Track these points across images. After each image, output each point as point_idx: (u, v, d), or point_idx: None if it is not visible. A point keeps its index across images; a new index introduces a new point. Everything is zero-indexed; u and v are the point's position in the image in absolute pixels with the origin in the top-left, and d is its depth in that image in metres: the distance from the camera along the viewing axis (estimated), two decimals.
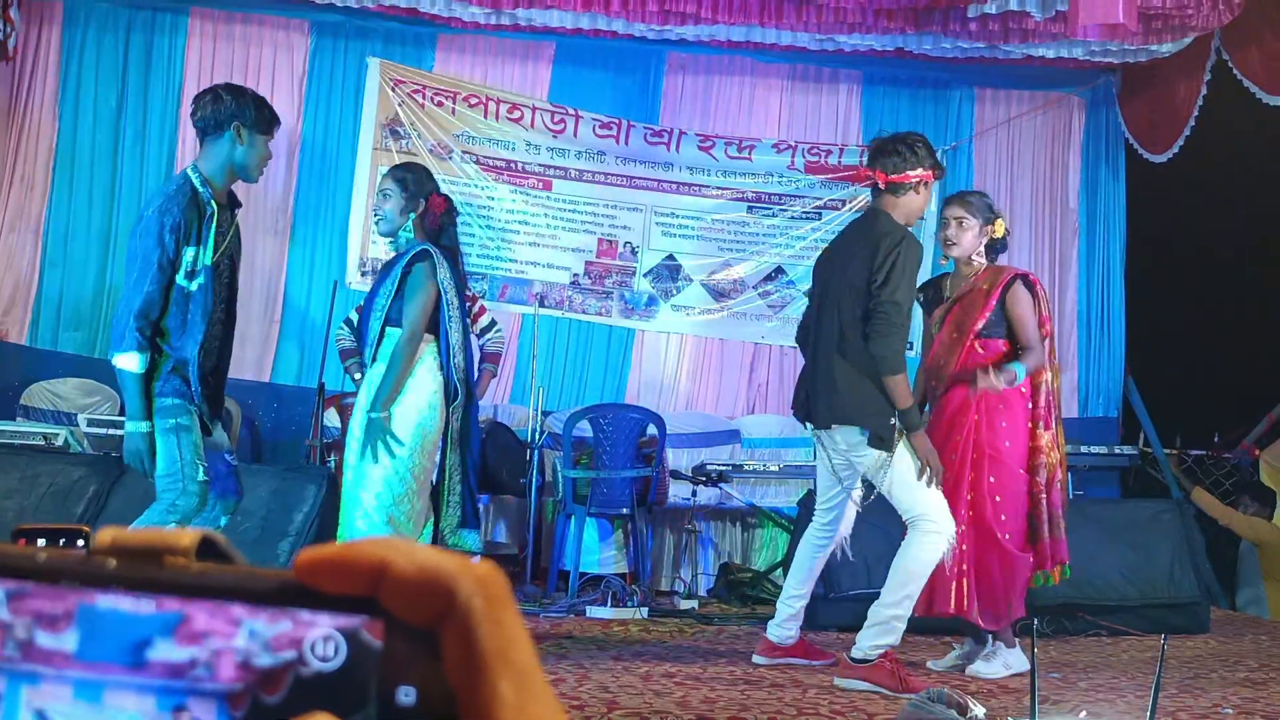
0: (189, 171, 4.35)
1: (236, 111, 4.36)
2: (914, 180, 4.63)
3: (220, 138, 4.35)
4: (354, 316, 6.45)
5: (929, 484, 4.51)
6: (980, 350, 4.90)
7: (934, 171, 4.70)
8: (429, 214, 4.73)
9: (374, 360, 4.58)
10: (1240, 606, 7.84)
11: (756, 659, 5.01)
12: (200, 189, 4.27)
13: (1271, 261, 8.20)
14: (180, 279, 4.17)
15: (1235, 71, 7.74)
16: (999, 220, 5.05)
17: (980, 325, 4.91)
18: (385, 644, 0.40)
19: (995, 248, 5.08)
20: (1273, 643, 5.97)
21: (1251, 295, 8.40)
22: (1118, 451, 8.45)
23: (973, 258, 5.02)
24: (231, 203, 4.46)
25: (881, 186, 4.67)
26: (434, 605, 0.40)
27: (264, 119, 4.41)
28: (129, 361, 4.07)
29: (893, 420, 4.50)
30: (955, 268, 5.11)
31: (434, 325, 4.59)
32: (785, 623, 5.01)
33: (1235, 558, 8.15)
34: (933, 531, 4.49)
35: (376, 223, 4.93)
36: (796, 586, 5.03)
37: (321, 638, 0.40)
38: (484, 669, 0.40)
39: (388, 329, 4.56)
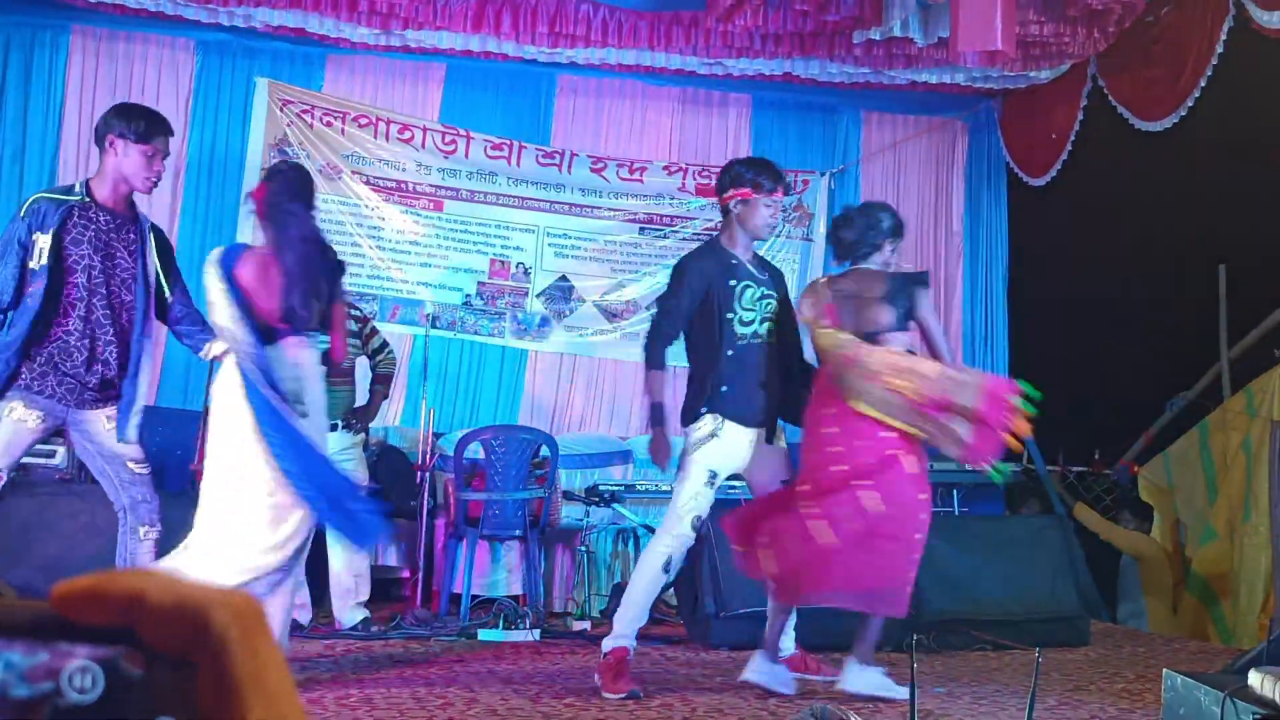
0: (79, 182, 4.68)
1: (112, 123, 4.56)
2: (731, 199, 5.00)
3: (101, 149, 4.60)
4: None
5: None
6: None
7: (751, 189, 4.92)
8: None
9: None
10: (1121, 620, 8.02)
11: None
12: (76, 187, 4.60)
13: (1148, 282, 8.43)
14: (34, 265, 4.44)
15: (1110, 98, 7.96)
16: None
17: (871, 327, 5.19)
18: (144, 674, 0.40)
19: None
20: (1151, 654, 6.12)
21: (1129, 315, 8.62)
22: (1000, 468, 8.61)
23: None
24: (126, 212, 4.60)
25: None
26: (189, 635, 0.40)
27: (137, 130, 4.55)
28: None
29: None
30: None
31: None
32: None
33: (1116, 572, 8.35)
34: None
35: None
36: None
37: (79, 669, 0.39)
38: (237, 696, 0.40)
39: None
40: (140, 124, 4.55)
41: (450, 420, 8.63)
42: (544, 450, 7.22)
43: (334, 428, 6.23)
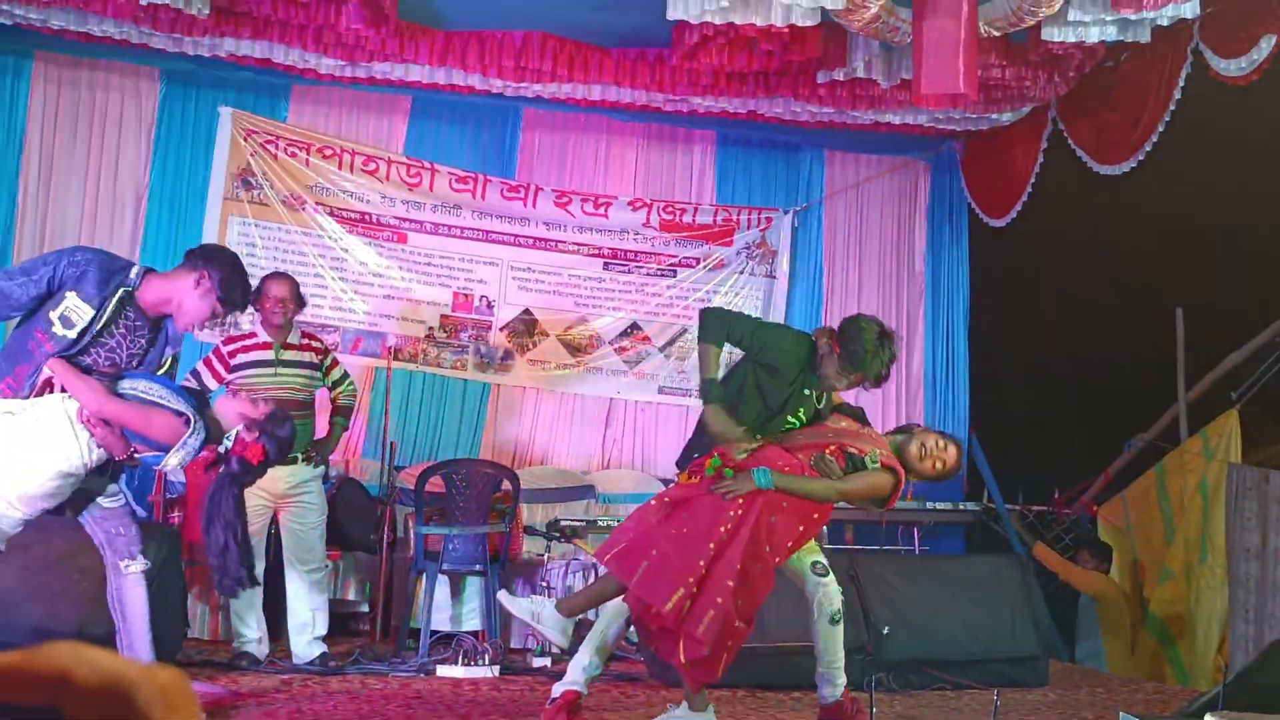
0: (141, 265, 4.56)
1: (218, 268, 4.49)
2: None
3: (187, 267, 4.50)
4: (201, 369, 6.31)
5: None
6: None
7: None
8: None
9: None
10: (1079, 659, 8.05)
11: None
12: (132, 277, 4.43)
13: (1107, 324, 8.51)
14: (52, 315, 4.29)
15: (1070, 141, 8.05)
16: None
17: None
18: None
19: None
20: (1109, 694, 6.14)
21: (1088, 356, 8.70)
22: (961, 508, 8.67)
23: None
24: (156, 318, 4.52)
25: None
26: (115, 713, 0.39)
27: (231, 295, 4.51)
28: None
29: None
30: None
31: None
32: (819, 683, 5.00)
33: (1075, 612, 8.38)
34: None
35: None
36: None
37: None
38: None
39: None
40: (237, 294, 4.51)
41: (411, 453, 8.59)
42: (505, 484, 7.19)
43: (293, 460, 6.19)
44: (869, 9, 6.40)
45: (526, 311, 9.17)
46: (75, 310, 4.30)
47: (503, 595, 5.02)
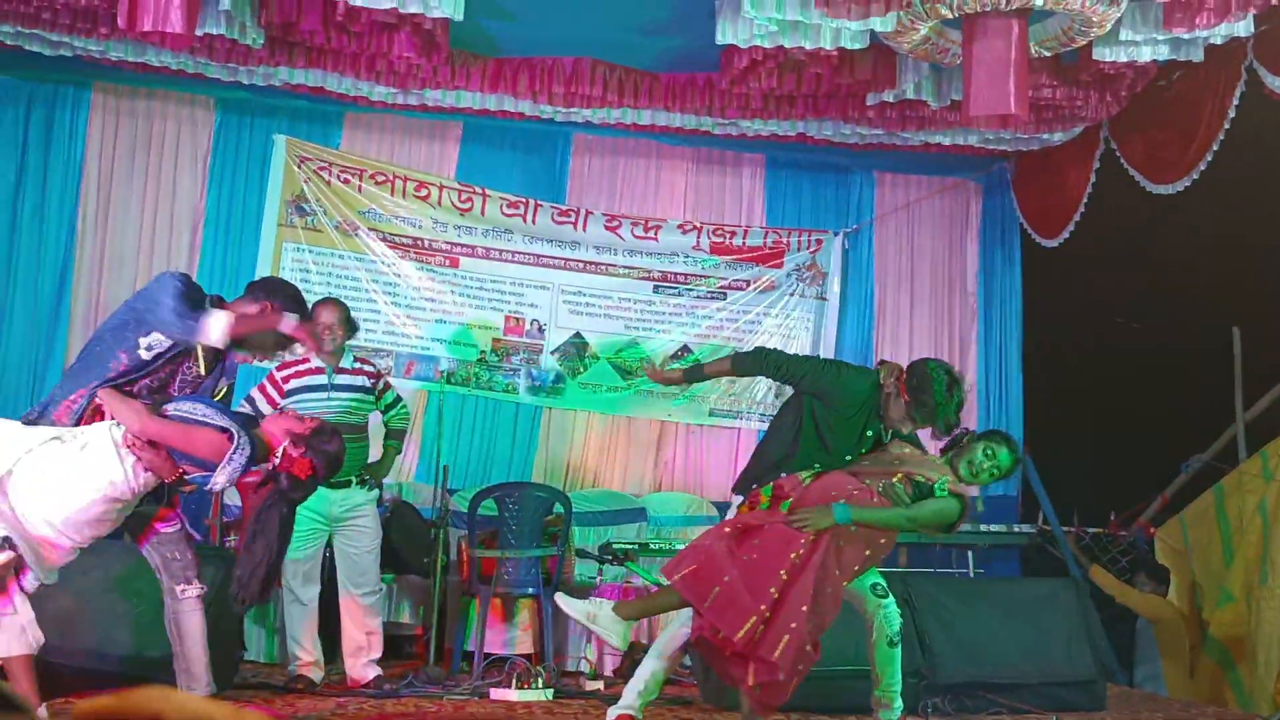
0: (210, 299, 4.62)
1: (276, 295, 4.64)
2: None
3: (248, 298, 4.64)
4: (256, 395, 6.37)
5: None
6: None
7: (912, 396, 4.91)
8: None
9: None
10: (1138, 683, 7.95)
11: None
12: (206, 304, 4.53)
13: (1162, 344, 8.43)
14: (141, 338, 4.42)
15: (1122, 160, 7.99)
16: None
17: None
18: None
19: None
20: (1168, 718, 6.06)
21: (1144, 377, 8.62)
22: (1016, 530, 8.59)
23: None
24: (216, 362, 4.60)
25: None
26: None
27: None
28: None
29: None
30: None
31: None
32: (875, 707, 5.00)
33: (1132, 635, 8.28)
34: None
35: None
36: None
37: None
38: None
39: None
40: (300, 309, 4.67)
41: (464, 477, 8.63)
42: (557, 507, 7.22)
43: (347, 483, 6.24)
44: (919, 31, 6.40)
45: (577, 335, 9.21)
46: (159, 340, 4.41)
47: (560, 597, 5.03)
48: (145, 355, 4.41)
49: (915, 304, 9.69)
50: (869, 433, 4.93)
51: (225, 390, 4.77)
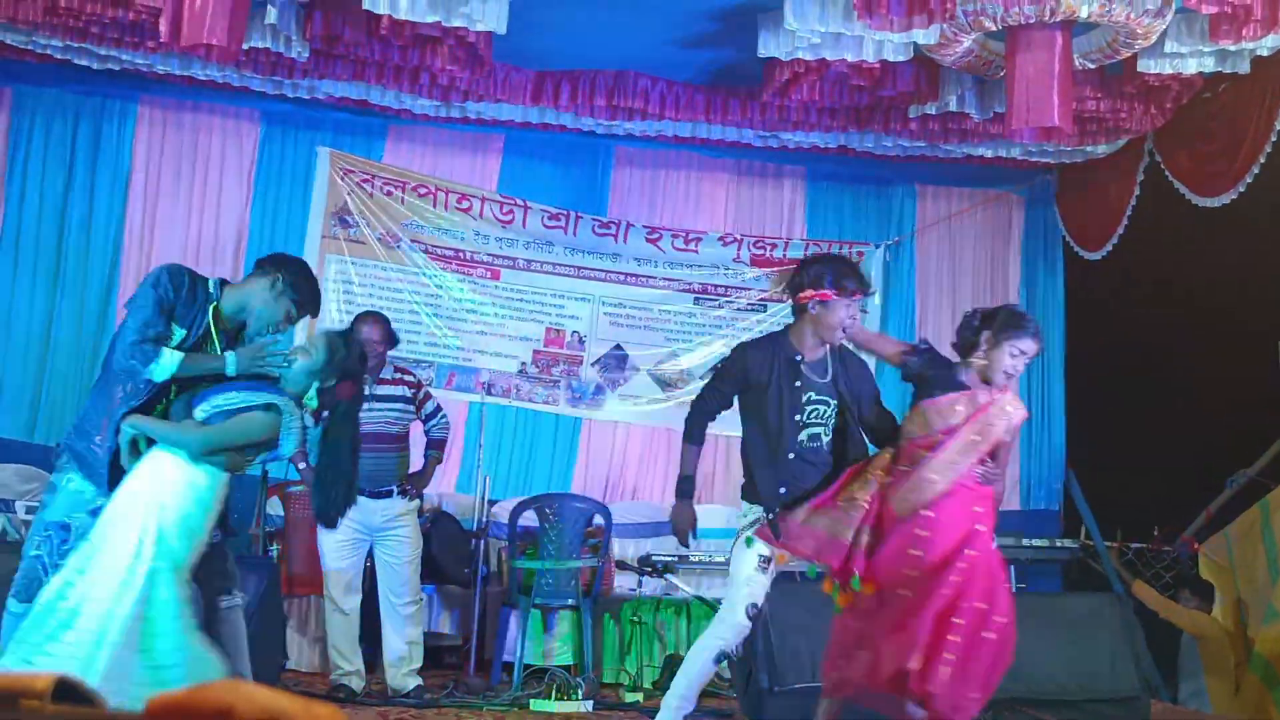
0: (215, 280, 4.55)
1: (284, 268, 4.54)
2: (809, 299, 4.91)
3: (257, 274, 4.55)
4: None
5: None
6: None
7: (834, 291, 4.85)
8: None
9: None
10: (1182, 700, 7.87)
11: None
12: (211, 287, 4.47)
13: (1206, 357, 8.35)
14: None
15: (1167, 173, 7.94)
16: None
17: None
18: None
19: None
20: None
21: (1187, 390, 8.53)
22: (1059, 545, 8.52)
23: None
24: (236, 329, 4.53)
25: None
26: None
27: (304, 299, 4.56)
28: None
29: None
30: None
31: None
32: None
33: (1176, 651, 8.19)
34: None
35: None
36: None
37: None
38: None
39: None
40: (308, 294, 4.59)
41: (504, 488, 8.66)
42: (597, 519, 7.23)
43: (389, 493, 6.28)
44: (962, 43, 6.38)
45: (617, 346, 9.22)
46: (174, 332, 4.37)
47: None
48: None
49: (957, 316, 9.51)
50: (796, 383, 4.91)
51: None
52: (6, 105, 8.56)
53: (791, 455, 4.84)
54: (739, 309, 9.37)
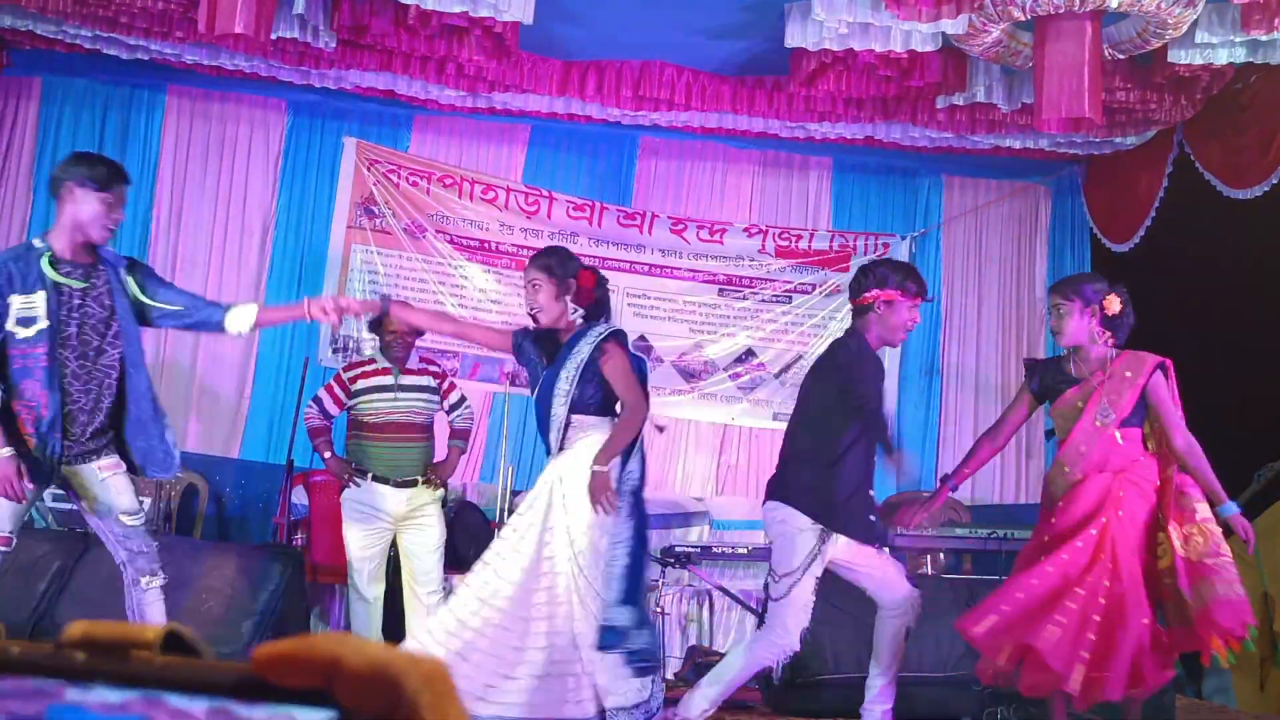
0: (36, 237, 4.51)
1: (71, 170, 4.45)
2: (875, 299, 4.93)
3: (57, 199, 4.47)
4: (323, 396, 6.45)
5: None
6: (1121, 439, 4.96)
7: (899, 291, 4.90)
8: (581, 291, 4.79)
9: (561, 448, 4.75)
10: (1207, 695, 7.83)
11: None
12: (37, 245, 4.41)
13: (1234, 351, 8.29)
14: (10, 326, 4.30)
15: (1197, 164, 7.88)
16: (1110, 297, 5.07)
17: (1127, 414, 4.97)
18: None
19: (1115, 325, 5.09)
20: None
21: (1215, 383, 8.47)
22: None
23: (1094, 339, 5.04)
24: (88, 260, 4.48)
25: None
26: (383, 698, 0.42)
27: (98, 177, 4.44)
28: None
29: None
30: (1078, 350, 5.11)
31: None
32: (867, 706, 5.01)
33: None
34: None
35: (534, 316, 4.97)
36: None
37: None
38: None
39: (574, 416, 4.72)
40: (101, 170, 4.46)
41: (528, 477, 8.64)
42: None
43: (413, 483, 6.29)
44: (991, 34, 6.35)
45: (641, 338, 9.21)
46: (26, 306, 4.33)
47: None
48: (27, 331, 4.35)
49: (983, 308, 9.61)
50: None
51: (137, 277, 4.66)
52: (36, 95, 8.62)
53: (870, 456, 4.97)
54: (763, 300, 9.34)
